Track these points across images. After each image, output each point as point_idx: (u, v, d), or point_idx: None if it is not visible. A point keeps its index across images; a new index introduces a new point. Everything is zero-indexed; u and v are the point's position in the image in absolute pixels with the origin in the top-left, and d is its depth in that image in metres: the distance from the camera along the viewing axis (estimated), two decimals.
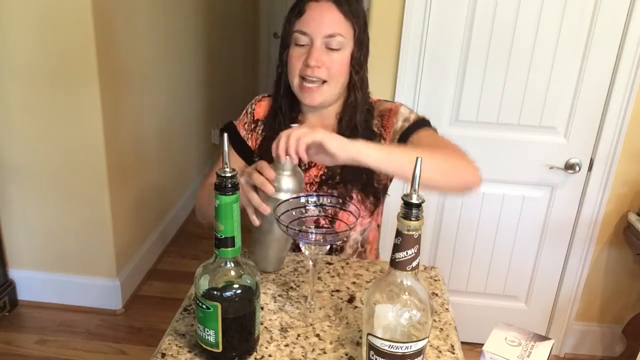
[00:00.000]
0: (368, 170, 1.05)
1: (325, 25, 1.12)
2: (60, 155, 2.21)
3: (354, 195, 1.19)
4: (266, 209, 0.96)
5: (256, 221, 1.00)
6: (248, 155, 1.25)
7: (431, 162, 0.97)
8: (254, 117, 1.28)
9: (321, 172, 1.21)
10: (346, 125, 1.19)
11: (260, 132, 1.26)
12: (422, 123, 1.20)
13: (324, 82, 1.14)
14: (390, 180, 1.26)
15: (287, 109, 1.22)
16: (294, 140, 0.91)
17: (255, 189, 0.97)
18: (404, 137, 1.17)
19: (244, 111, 1.30)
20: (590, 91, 1.90)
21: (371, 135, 1.20)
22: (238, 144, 1.26)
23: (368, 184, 1.20)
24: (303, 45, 1.14)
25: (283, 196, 0.96)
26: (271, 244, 1.05)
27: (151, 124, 2.69)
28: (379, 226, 1.31)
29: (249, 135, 1.27)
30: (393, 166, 0.98)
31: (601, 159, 1.98)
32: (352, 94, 1.19)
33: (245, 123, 1.28)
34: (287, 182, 0.97)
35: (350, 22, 1.14)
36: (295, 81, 1.16)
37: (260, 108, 1.28)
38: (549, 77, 1.89)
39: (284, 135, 0.93)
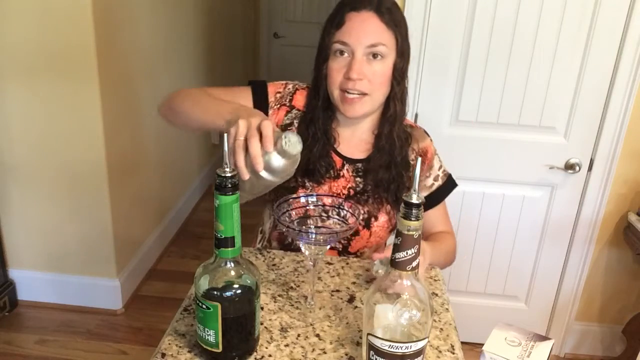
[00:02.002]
0: (398, 188, 1.16)
1: (367, 35, 1.08)
2: (61, 155, 2.21)
3: (383, 212, 1.19)
4: (245, 175, 0.88)
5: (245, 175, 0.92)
6: None
7: (445, 256, 1.23)
8: (291, 100, 1.22)
9: (349, 185, 1.19)
10: (385, 139, 1.17)
11: (296, 123, 1.20)
12: (446, 189, 1.28)
13: (365, 94, 1.11)
14: None
15: (323, 121, 1.18)
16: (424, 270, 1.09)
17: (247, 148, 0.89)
18: (430, 200, 1.25)
19: (283, 83, 1.23)
20: (590, 91, 1.90)
21: (406, 168, 1.20)
22: (259, 104, 1.18)
23: (397, 202, 1.18)
24: (343, 57, 1.10)
25: (265, 175, 0.89)
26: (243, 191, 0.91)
27: (151, 123, 2.68)
28: None
29: (277, 107, 1.20)
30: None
31: (601, 159, 1.98)
32: (392, 105, 1.16)
33: (279, 94, 1.21)
34: (277, 159, 0.89)
35: (392, 31, 1.10)
36: (335, 93, 1.13)
37: (301, 96, 1.22)
38: (549, 77, 1.89)
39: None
